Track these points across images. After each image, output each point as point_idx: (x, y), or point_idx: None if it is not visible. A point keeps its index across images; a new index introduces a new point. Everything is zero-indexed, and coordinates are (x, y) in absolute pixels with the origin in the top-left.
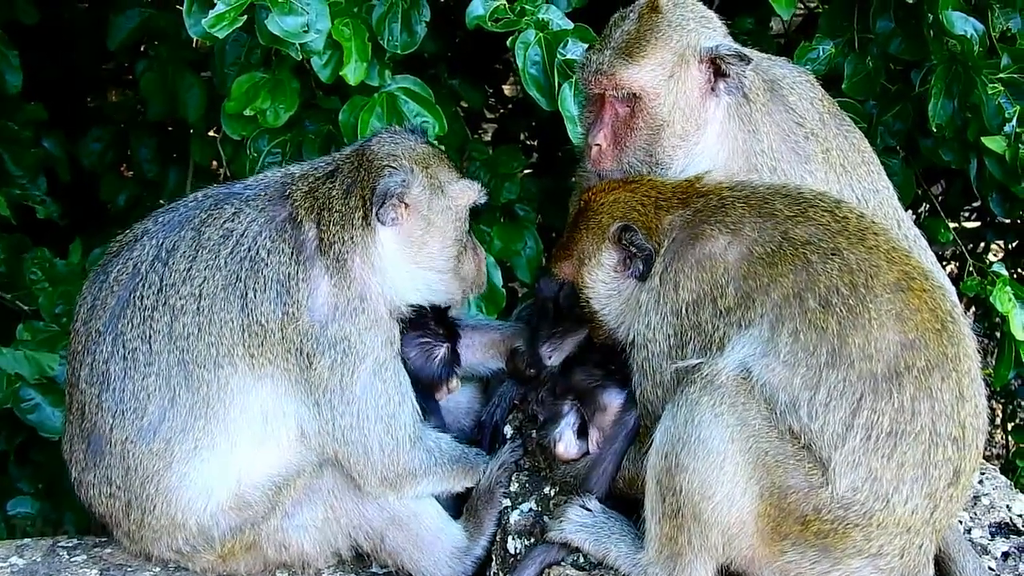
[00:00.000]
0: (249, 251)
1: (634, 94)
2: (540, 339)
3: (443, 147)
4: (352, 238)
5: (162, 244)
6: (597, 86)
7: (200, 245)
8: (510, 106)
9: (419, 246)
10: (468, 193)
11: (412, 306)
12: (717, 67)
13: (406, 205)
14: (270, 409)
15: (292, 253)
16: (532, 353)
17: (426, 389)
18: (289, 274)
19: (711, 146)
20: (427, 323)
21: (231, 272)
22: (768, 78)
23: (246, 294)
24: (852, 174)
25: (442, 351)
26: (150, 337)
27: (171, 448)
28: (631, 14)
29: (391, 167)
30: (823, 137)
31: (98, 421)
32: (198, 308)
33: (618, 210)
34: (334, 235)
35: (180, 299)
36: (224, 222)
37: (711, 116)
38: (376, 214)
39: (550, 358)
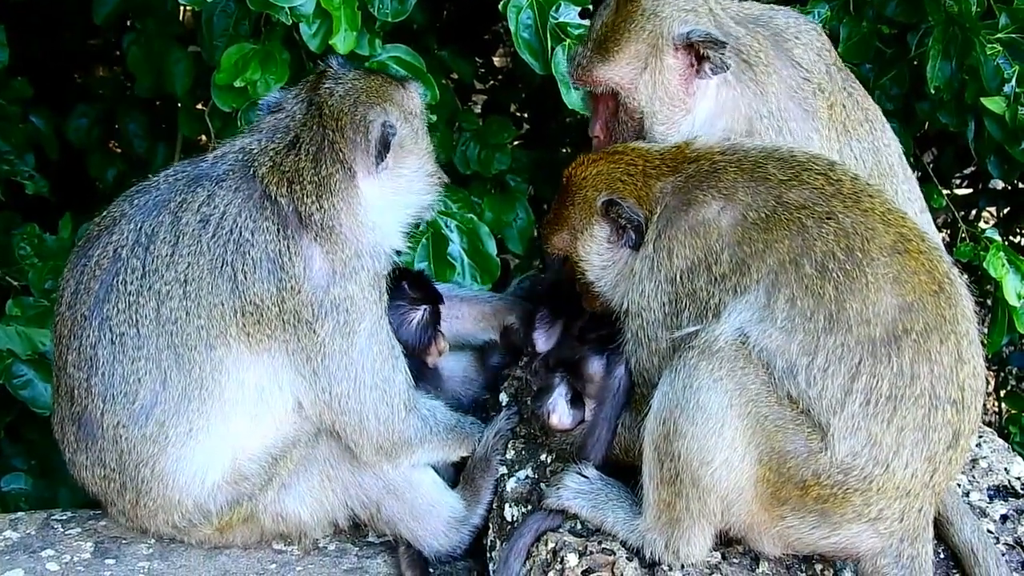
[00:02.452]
0: (231, 233)
1: (614, 91)
2: (536, 322)
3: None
4: (334, 205)
5: (141, 228)
6: (578, 81)
7: (180, 231)
8: (500, 77)
9: (399, 177)
10: (418, 98)
11: (400, 246)
12: (698, 51)
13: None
14: (266, 384)
15: (277, 230)
16: (528, 334)
17: (415, 356)
18: (280, 251)
19: (710, 120)
20: (403, 289)
21: (216, 256)
22: (772, 32)
23: (235, 276)
24: (852, 133)
25: (419, 314)
26: (137, 322)
27: (165, 431)
28: (611, 2)
29: (369, 119)
30: (829, 91)
31: (88, 405)
32: (184, 293)
33: (602, 182)
34: (311, 206)
35: (165, 284)
36: (200, 207)
37: (700, 97)
38: (375, 166)
39: (540, 342)
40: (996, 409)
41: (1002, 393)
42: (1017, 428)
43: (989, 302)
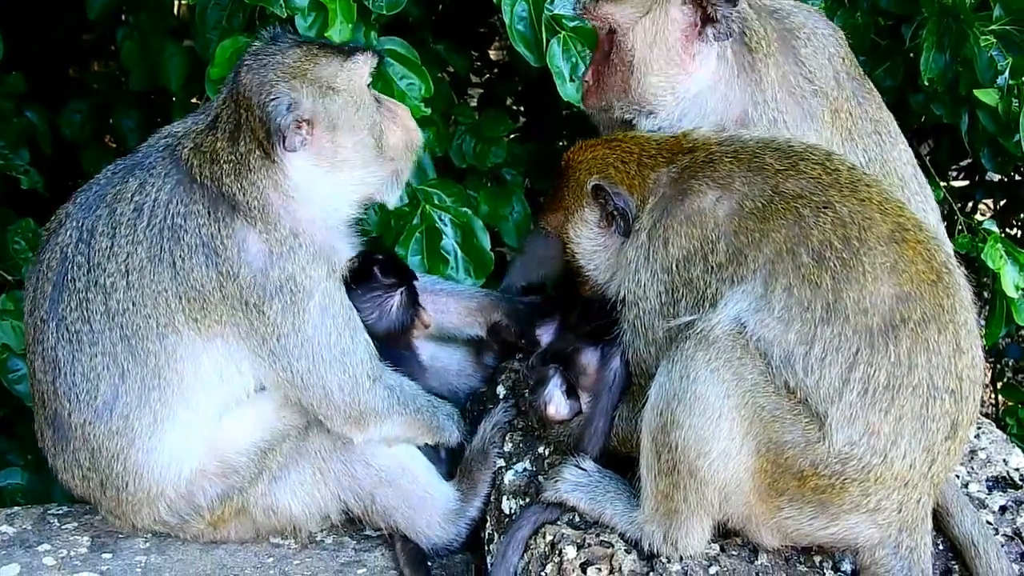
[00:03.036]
0: (164, 221)
1: (612, 29)
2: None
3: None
4: (255, 184)
5: (83, 225)
6: (583, 13)
7: (116, 222)
8: (496, 70)
9: (332, 154)
10: (360, 71)
11: (353, 216)
12: (704, 10)
13: (308, 122)
14: (223, 368)
15: (208, 213)
16: (530, 330)
17: (397, 339)
18: (212, 234)
19: (703, 93)
20: (374, 276)
21: (152, 244)
22: (784, 27)
23: (174, 263)
24: (859, 143)
25: (396, 299)
26: (89, 318)
27: (131, 424)
28: None
29: (271, 97)
30: (833, 96)
31: (57, 408)
32: (128, 284)
33: (596, 167)
34: (233, 186)
35: (108, 277)
36: (132, 196)
37: (701, 62)
38: (283, 147)
39: (544, 337)
40: (992, 401)
41: (999, 385)
42: (1014, 420)
43: (986, 294)
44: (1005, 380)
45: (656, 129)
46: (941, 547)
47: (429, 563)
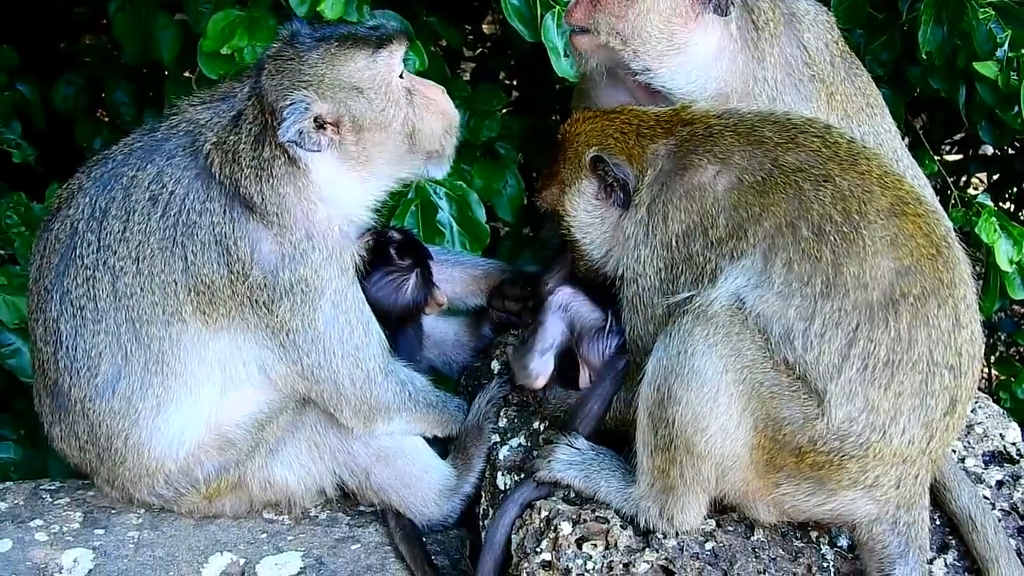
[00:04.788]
0: (179, 215)
1: None
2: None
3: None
4: (276, 189)
5: (95, 202)
6: None
7: (130, 208)
8: (489, 44)
9: (359, 153)
10: (387, 66)
11: (377, 206)
12: None
13: (333, 124)
14: (228, 359)
15: (224, 212)
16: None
17: (409, 318)
18: (225, 234)
19: (707, 61)
20: (390, 256)
21: (165, 236)
22: (788, 11)
23: (186, 257)
24: (853, 119)
25: (412, 280)
26: (95, 295)
27: (134, 406)
28: None
29: (288, 103)
30: (829, 81)
31: (58, 379)
32: (137, 270)
33: (594, 138)
34: (251, 189)
35: (118, 260)
36: (149, 184)
37: (702, 29)
38: (304, 151)
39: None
40: (986, 375)
41: (992, 359)
42: (1007, 394)
43: (979, 268)
44: (998, 354)
45: (641, 74)
46: (938, 522)
47: (424, 539)
